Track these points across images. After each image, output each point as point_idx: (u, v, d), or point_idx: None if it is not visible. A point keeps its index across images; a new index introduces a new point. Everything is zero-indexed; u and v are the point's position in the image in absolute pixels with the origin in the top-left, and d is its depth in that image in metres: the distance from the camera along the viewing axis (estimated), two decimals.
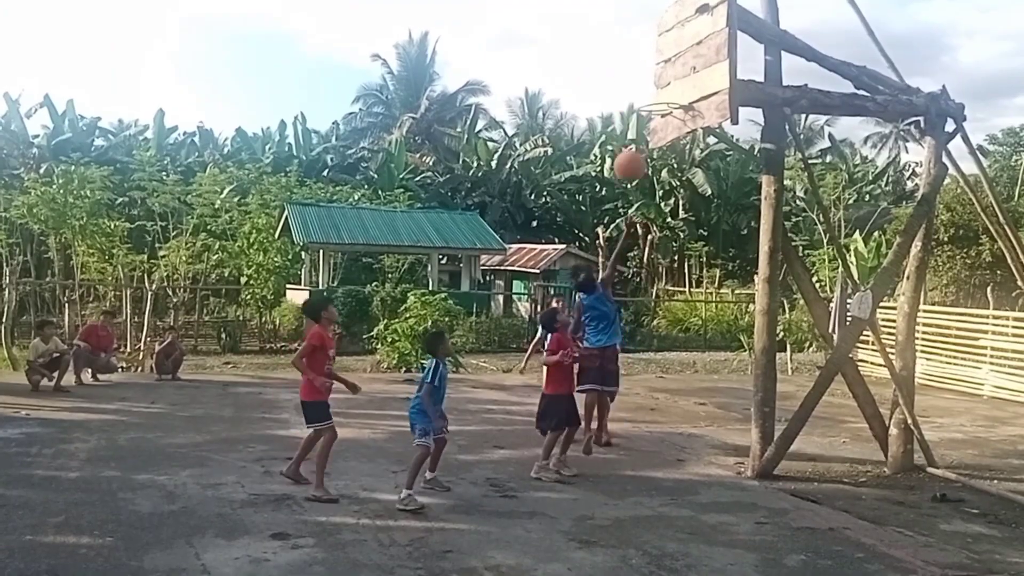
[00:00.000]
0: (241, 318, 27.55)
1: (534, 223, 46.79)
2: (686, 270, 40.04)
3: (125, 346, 20.07)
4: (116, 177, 30.23)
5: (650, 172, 43.97)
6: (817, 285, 13.41)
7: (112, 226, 26.52)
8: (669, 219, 42.73)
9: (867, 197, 41.66)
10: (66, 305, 24.62)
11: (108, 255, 25.88)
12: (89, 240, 26.01)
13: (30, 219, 27.10)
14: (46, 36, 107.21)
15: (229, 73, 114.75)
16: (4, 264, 27.32)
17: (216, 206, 28.88)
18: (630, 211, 42.09)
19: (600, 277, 11.29)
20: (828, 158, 45.89)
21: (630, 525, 7.38)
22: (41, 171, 33.57)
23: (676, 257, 42.07)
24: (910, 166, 49.76)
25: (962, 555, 6.90)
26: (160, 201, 28.47)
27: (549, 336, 9.78)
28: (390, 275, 31.02)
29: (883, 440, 9.98)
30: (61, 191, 26.57)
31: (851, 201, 36.55)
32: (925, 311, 16.47)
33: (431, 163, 50.47)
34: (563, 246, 37.98)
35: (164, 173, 30.71)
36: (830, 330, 10.50)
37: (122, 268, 25.76)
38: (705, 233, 42.81)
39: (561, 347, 9.28)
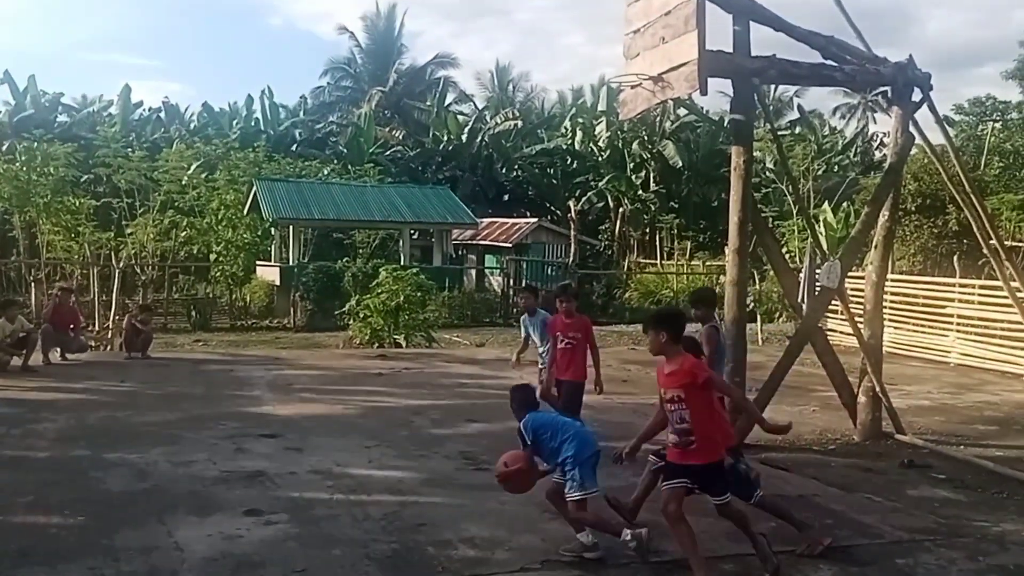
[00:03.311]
0: (211, 295, 27.32)
1: (505, 197, 46.70)
2: (657, 242, 40.17)
3: (93, 325, 19.84)
4: (80, 154, 29.75)
5: (620, 144, 43.95)
6: (786, 256, 13.49)
7: (77, 203, 26.14)
8: (640, 192, 42.80)
9: (836, 168, 41.91)
10: (32, 284, 24.28)
11: (74, 233, 25.53)
12: (54, 218, 25.63)
13: None
14: (5, 11, 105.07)
15: (194, 46, 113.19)
16: None
17: (183, 182, 28.55)
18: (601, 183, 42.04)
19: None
20: (797, 129, 46.06)
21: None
22: (3, 148, 33.01)
23: (647, 229, 42.19)
24: (878, 136, 50.08)
25: (929, 519, 7.02)
26: (126, 178, 28.08)
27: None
28: (361, 250, 30.87)
29: (852, 408, 10.12)
30: (24, 168, 26.14)
31: (820, 172, 36.79)
32: (892, 280, 16.61)
33: (401, 137, 50.11)
34: (535, 220, 37.96)
35: (129, 149, 30.28)
36: (799, 300, 10.56)
37: (89, 246, 25.44)
38: (676, 205, 42.92)
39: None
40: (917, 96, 9.89)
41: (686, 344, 5.80)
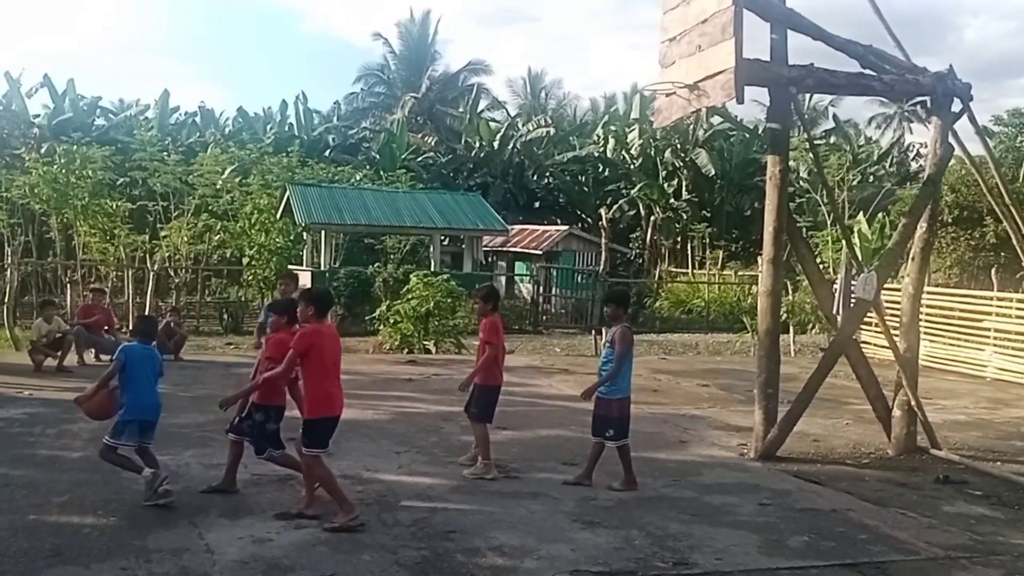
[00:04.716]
0: (243, 299, 27.52)
1: (536, 204, 46.61)
2: (689, 251, 39.91)
3: (128, 327, 20.04)
4: (117, 157, 30.11)
5: (653, 152, 43.74)
6: (821, 266, 13.36)
7: (114, 206, 26.46)
8: (672, 200, 42.57)
9: (871, 178, 41.45)
10: (68, 286, 24.60)
11: (110, 235, 25.84)
12: (91, 220, 25.96)
13: (31, 199, 27.05)
14: (46, 15, 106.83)
15: (230, 52, 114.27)
16: (6, 244, 27.25)
17: (218, 186, 28.78)
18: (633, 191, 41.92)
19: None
20: (832, 139, 45.64)
21: (633, 506, 7.39)
22: (42, 151, 33.46)
23: (679, 238, 41.95)
24: (914, 147, 49.47)
25: (965, 537, 6.90)
26: (161, 181, 28.38)
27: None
28: (392, 256, 30.93)
29: (886, 422, 9.98)
30: (63, 171, 26.49)
31: (855, 182, 36.41)
32: (929, 293, 16.42)
33: (433, 143, 50.21)
34: (566, 227, 37.86)
35: (165, 153, 30.60)
36: (834, 311, 10.45)
37: (124, 249, 25.73)
38: (708, 214, 42.63)
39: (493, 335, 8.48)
40: (957, 107, 9.76)
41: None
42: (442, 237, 31.63)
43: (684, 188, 43.30)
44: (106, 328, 15.42)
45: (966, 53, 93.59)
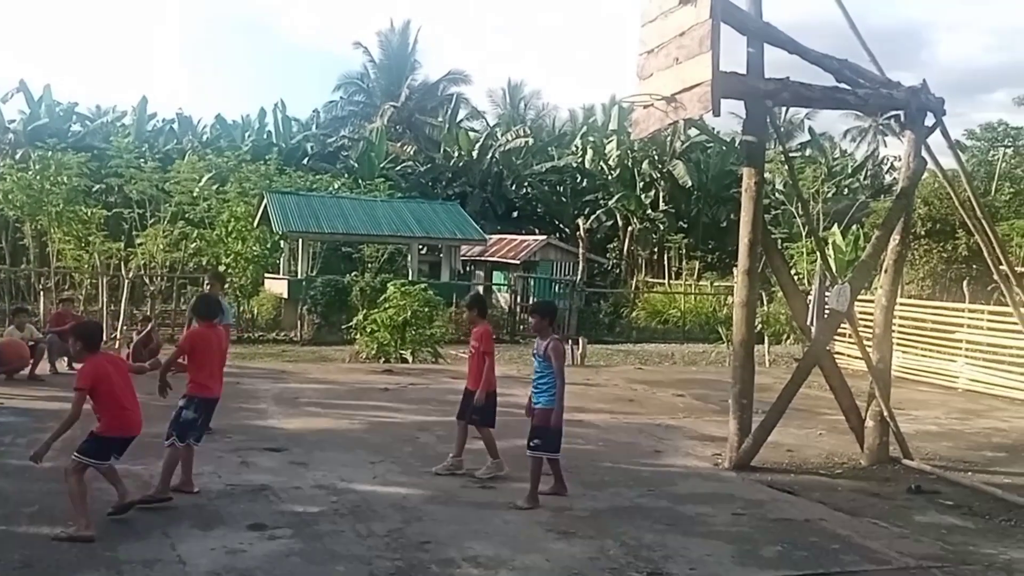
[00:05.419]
0: None
1: (515, 214, 46.67)
2: (666, 262, 40.12)
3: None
4: (93, 164, 29.90)
5: (630, 163, 43.95)
6: (795, 278, 13.46)
7: (89, 213, 26.25)
8: (649, 211, 42.77)
9: (845, 190, 41.84)
10: (41, 293, 24.35)
11: (84, 242, 25.62)
12: (65, 227, 25.74)
13: (5, 205, 26.78)
14: (22, 20, 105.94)
15: (208, 59, 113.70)
16: None
17: (194, 194, 28.61)
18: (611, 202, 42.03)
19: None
20: (807, 151, 46.02)
21: (608, 516, 7.40)
22: (17, 157, 33.19)
23: (656, 249, 42.14)
24: (888, 160, 50.01)
25: (937, 546, 6.96)
26: (138, 188, 28.18)
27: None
28: (370, 265, 30.86)
29: (859, 432, 10.06)
30: (37, 177, 26.27)
31: (830, 194, 36.73)
32: (902, 304, 16.57)
33: (412, 152, 50.16)
34: (544, 237, 37.94)
35: (142, 160, 30.40)
36: (808, 322, 10.54)
37: (99, 256, 25.51)
38: (685, 225, 42.87)
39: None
40: (930, 121, 9.88)
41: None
42: (420, 246, 31.61)
43: (661, 199, 43.51)
44: None
45: (940, 68, 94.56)
